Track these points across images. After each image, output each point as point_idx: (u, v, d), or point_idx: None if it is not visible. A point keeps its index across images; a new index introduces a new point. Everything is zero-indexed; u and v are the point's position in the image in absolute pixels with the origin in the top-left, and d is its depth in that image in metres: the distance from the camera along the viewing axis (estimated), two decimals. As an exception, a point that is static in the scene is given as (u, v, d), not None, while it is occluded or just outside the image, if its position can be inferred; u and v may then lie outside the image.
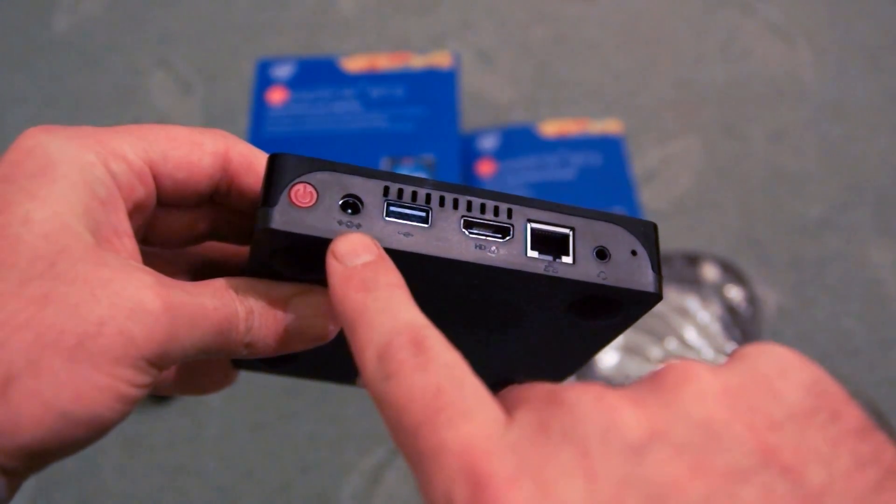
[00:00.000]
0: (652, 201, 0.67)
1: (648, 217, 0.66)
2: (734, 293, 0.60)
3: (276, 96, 0.63)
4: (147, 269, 0.21)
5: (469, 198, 0.23)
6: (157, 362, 0.20)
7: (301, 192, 0.22)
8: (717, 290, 0.60)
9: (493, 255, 0.22)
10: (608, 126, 0.68)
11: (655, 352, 0.57)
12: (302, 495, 0.54)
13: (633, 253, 0.23)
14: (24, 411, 0.19)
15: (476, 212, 0.23)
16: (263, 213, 0.21)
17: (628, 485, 0.15)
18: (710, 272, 0.61)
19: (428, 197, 0.23)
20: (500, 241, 0.23)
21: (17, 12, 0.79)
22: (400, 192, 0.22)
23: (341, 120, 0.61)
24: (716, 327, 0.58)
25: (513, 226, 0.23)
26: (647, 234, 0.24)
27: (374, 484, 0.54)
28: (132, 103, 0.73)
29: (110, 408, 0.20)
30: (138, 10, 0.80)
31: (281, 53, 0.74)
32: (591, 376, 0.55)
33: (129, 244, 0.22)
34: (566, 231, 0.23)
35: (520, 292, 0.24)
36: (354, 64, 0.65)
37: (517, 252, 0.23)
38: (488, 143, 0.67)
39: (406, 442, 0.17)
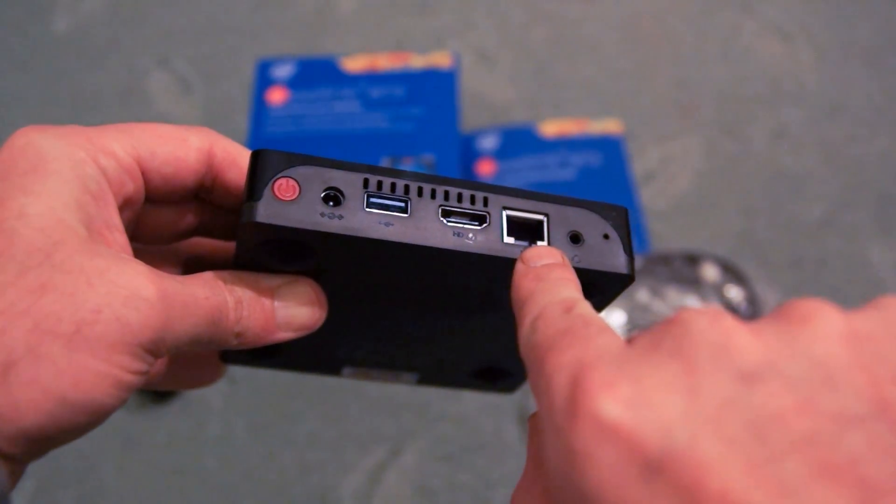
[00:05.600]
0: (652, 201, 0.67)
1: (648, 217, 0.66)
2: (734, 293, 0.60)
3: (276, 96, 0.63)
4: (139, 261, 0.22)
5: (446, 187, 0.24)
6: (152, 349, 0.21)
7: (284, 186, 0.22)
8: (717, 290, 0.60)
9: (471, 242, 0.23)
10: (608, 126, 0.68)
11: (655, 352, 0.56)
12: (302, 495, 0.54)
13: (606, 237, 0.24)
14: (23, 397, 0.19)
15: (453, 201, 0.24)
16: (248, 207, 0.22)
17: (730, 408, 0.15)
18: (710, 272, 0.61)
19: (406, 188, 0.23)
20: (478, 228, 0.23)
21: (17, 12, 0.79)
22: (379, 183, 0.23)
23: (341, 120, 0.61)
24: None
25: (489, 213, 0.24)
26: (619, 218, 0.25)
27: (374, 484, 0.54)
28: (132, 103, 0.73)
29: (108, 394, 0.20)
30: (138, 9, 0.80)
31: (281, 53, 0.74)
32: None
33: (120, 238, 0.23)
34: (541, 217, 0.24)
35: (498, 277, 0.24)
36: (354, 64, 0.65)
37: (494, 238, 0.23)
38: (488, 143, 0.67)
39: (534, 375, 0.18)
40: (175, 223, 0.26)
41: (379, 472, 0.54)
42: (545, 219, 0.24)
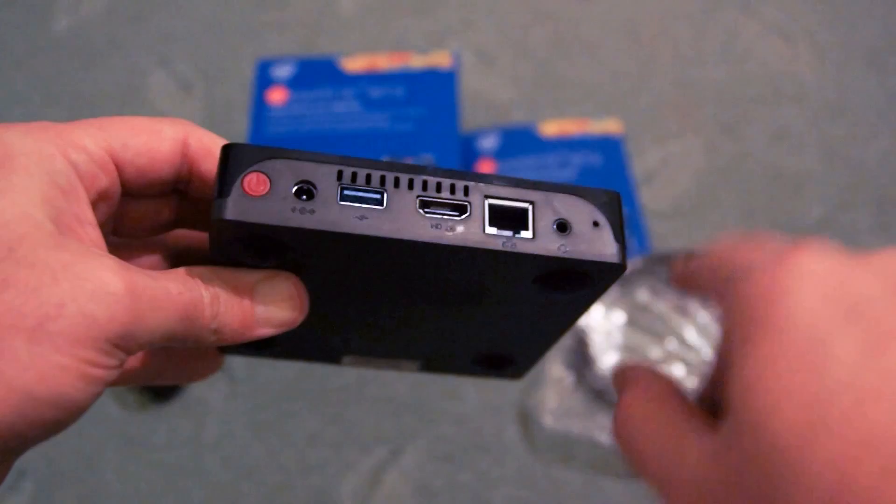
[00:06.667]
0: (652, 201, 0.67)
1: (648, 217, 0.66)
2: (734, 293, 0.59)
3: (276, 96, 0.63)
4: (110, 255, 0.21)
5: (424, 177, 0.23)
6: (121, 344, 0.20)
7: (254, 181, 0.22)
8: (717, 290, 0.60)
9: (451, 234, 0.22)
10: (608, 126, 0.68)
11: (655, 352, 0.57)
12: (302, 495, 0.54)
13: (595, 224, 0.23)
14: None
15: (432, 191, 0.23)
16: (217, 204, 0.21)
17: None
18: (710, 272, 0.61)
19: (383, 178, 0.23)
20: (458, 218, 0.23)
21: (17, 12, 0.79)
22: (354, 175, 0.22)
23: (341, 120, 0.61)
24: (716, 327, 0.58)
25: (470, 203, 0.23)
26: (610, 204, 0.24)
27: (374, 484, 0.54)
28: (132, 103, 0.73)
29: (76, 388, 0.20)
30: (138, 10, 0.80)
31: (281, 53, 0.74)
32: (591, 376, 0.55)
33: (93, 232, 0.22)
34: (525, 205, 0.23)
35: (483, 268, 0.24)
36: (354, 64, 0.65)
37: (475, 229, 0.23)
38: (488, 143, 0.67)
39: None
40: (156, 216, 0.26)
41: (379, 472, 0.54)
42: (530, 207, 0.23)
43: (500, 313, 0.27)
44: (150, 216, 0.26)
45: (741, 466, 0.16)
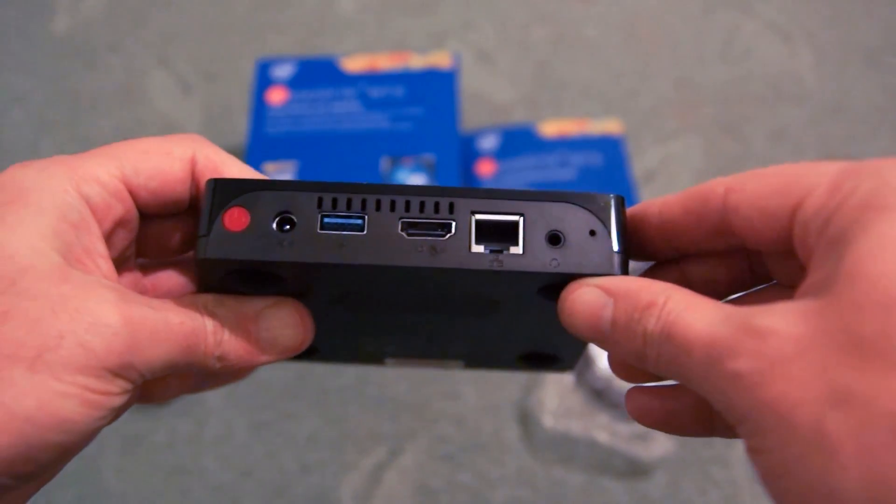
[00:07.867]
0: (652, 201, 0.67)
1: (648, 217, 0.66)
2: (734, 293, 0.60)
3: (276, 96, 0.63)
4: (114, 286, 0.22)
5: (407, 197, 0.22)
6: (122, 373, 0.21)
7: (235, 216, 0.22)
8: (717, 290, 0.60)
9: (433, 257, 0.21)
10: (608, 126, 0.68)
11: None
12: (302, 495, 0.54)
13: (592, 233, 0.22)
14: None
15: (415, 211, 0.22)
16: (200, 243, 0.22)
17: None
18: (710, 272, 0.61)
19: (363, 202, 0.22)
20: (442, 238, 0.22)
21: (17, 12, 0.79)
22: (335, 201, 0.22)
23: (341, 120, 0.61)
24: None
25: (455, 221, 0.22)
26: (609, 210, 0.22)
27: (374, 484, 0.54)
28: (132, 103, 0.73)
29: (77, 412, 0.20)
30: (138, 10, 0.80)
31: (281, 53, 0.74)
32: (591, 376, 0.55)
33: (104, 264, 0.23)
34: (515, 218, 0.22)
35: (480, 285, 0.23)
36: (354, 64, 0.65)
37: (460, 248, 0.22)
38: (488, 143, 0.67)
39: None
40: (178, 234, 0.27)
41: (379, 472, 0.54)
42: (520, 219, 0.22)
43: (521, 319, 0.27)
44: (172, 235, 0.27)
45: (853, 315, 0.17)
